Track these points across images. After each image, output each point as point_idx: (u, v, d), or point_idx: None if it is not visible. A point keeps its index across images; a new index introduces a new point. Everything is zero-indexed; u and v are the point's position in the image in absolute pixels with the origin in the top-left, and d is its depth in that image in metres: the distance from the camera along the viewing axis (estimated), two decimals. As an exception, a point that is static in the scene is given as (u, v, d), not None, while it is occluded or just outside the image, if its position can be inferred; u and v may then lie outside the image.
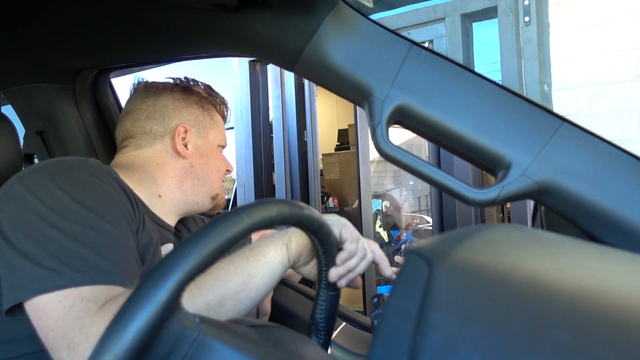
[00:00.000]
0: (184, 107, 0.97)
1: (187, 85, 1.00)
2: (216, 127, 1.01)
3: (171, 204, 0.94)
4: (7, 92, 1.19)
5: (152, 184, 0.92)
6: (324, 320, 0.68)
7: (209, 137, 0.99)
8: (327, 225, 0.63)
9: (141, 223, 0.81)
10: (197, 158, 0.96)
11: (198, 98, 0.99)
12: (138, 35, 0.93)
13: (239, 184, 3.05)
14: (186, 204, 0.96)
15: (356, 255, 0.73)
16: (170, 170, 0.94)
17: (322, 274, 0.67)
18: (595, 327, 0.26)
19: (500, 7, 2.17)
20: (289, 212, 0.54)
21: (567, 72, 2.13)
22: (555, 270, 0.32)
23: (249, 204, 0.49)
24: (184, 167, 0.95)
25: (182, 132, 0.94)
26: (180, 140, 0.94)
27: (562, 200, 0.63)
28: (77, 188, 0.71)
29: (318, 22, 0.69)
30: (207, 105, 1.00)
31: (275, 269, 0.71)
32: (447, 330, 0.27)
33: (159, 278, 0.39)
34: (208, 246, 0.42)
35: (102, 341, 0.36)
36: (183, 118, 0.96)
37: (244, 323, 0.53)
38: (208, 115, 1.00)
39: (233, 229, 0.45)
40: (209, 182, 0.98)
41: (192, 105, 0.98)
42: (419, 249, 0.32)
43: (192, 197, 0.96)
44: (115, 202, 0.75)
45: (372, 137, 0.68)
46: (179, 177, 0.94)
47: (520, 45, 2.16)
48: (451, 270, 0.30)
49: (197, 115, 0.98)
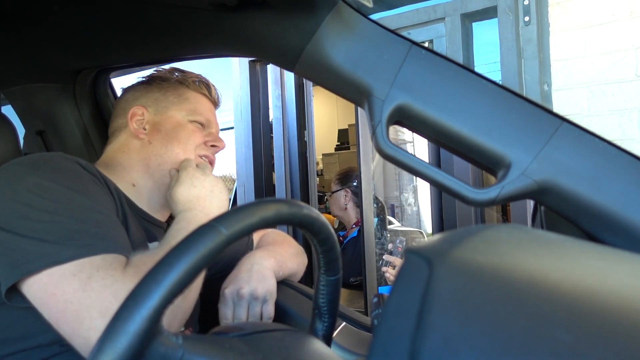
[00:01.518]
0: (144, 92, 0.99)
1: (150, 76, 1.01)
2: (184, 103, 0.98)
3: (148, 193, 0.94)
4: (7, 92, 1.19)
5: (123, 172, 0.92)
6: (327, 304, 0.68)
7: (169, 112, 0.97)
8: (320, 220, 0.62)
9: (123, 220, 0.81)
10: (154, 135, 0.95)
11: (160, 81, 1.00)
12: (138, 35, 0.93)
13: (239, 184, 3.05)
14: (160, 189, 0.94)
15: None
16: (135, 154, 0.94)
17: (321, 260, 0.67)
18: (595, 327, 0.26)
19: (500, 7, 2.17)
20: (272, 214, 0.50)
21: (567, 72, 2.12)
22: (555, 270, 0.32)
23: (225, 213, 0.45)
24: (144, 146, 0.94)
25: (139, 114, 0.95)
26: (135, 121, 0.95)
27: (562, 200, 0.63)
28: (62, 175, 0.72)
29: (318, 22, 0.69)
30: (172, 87, 0.99)
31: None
32: (447, 330, 0.27)
33: (134, 307, 0.38)
34: (182, 267, 0.40)
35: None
36: (140, 101, 0.97)
37: (232, 333, 0.53)
38: (172, 94, 0.98)
39: (209, 244, 0.41)
40: (173, 156, 0.94)
41: (151, 89, 0.99)
42: (419, 249, 0.32)
43: (161, 178, 0.93)
44: (100, 190, 0.77)
45: (372, 137, 0.68)
46: (142, 158, 0.94)
47: (520, 45, 2.16)
48: (451, 270, 0.30)
49: (156, 97, 0.98)
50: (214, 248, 0.42)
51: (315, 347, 0.63)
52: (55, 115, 1.19)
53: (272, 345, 0.53)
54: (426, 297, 0.28)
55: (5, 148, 1.07)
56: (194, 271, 0.40)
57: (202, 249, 0.41)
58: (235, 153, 3.03)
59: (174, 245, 0.42)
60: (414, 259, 0.31)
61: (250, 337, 0.52)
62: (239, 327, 0.55)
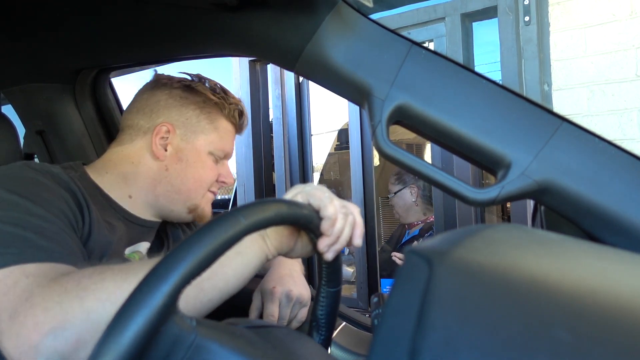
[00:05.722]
0: (178, 106, 0.90)
1: (192, 83, 0.92)
2: (214, 132, 0.91)
3: (143, 204, 0.89)
4: (7, 92, 1.19)
5: (122, 184, 0.88)
6: (325, 317, 0.68)
7: (196, 142, 0.90)
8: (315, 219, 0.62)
9: (87, 230, 0.77)
10: (174, 162, 0.88)
11: (201, 99, 0.91)
12: (138, 35, 0.93)
13: (239, 183, 3.05)
14: (160, 208, 0.91)
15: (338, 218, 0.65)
16: (145, 171, 0.88)
17: (322, 270, 0.67)
18: (595, 327, 0.26)
19: (500, 6, 2.17)
20: (287, 212, 0.53)
21: (567, 72, 2.12)
22: (555, 270, 0.32)
23: (246, 205, 0.48)
24: (159, 169, 0.88)
25: (164, 131, 0.88)
26: (158, 139, 0.88)
27: (562, 199, 0.63)
28: (13, 183, 0.71)
29: (318, 22, 0.69)
30: (208, 109, 0.91)
31: (250, 261, 0.64)
32: (447, 330, 0.27)
33: (155, 282, 0.39)
34: (204, 249, 0.41)
35: (99, 346, 0.36)
36: (171, 117, 0.89)
37: (242, 324, 0.53)
38: (206, 118, 0.91)
39: (229, 231, 0.44)
40: (185, 191, 0.90)
41: (188, 105, 0.90)
42: (419, 249, 0.32)
43: (165, 203, 0.90)
44: (57, 197, 0.73)
45: (372, 137, 0.68)
46: (152, 179, 0.88)
47: (520, 45, 2.16)
48: (451, 270, 0.30)
49: (189, 117, 0.90)
50: (233, 235, 0.44)
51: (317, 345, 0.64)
52: (55, 115, 1.19)
53: (279, 338, 0.54)
54: (426, 297, 0.28)
55: (5, 148, 1.07)
56: (214, 254, 0.42)
57: (223, 234, 0.43)
58: (235, 153, 3.02)
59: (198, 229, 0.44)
60: (414, 259, 0.31)
61: (259, 329, 0.53)
62: (247, 320, 0.55)
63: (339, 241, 0.65)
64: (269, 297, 0.88)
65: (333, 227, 0.64)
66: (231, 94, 0.96)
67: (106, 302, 0.56)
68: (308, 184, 0.69)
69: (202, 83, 0.93)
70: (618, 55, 2.03)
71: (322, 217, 0.63)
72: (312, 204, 0.64)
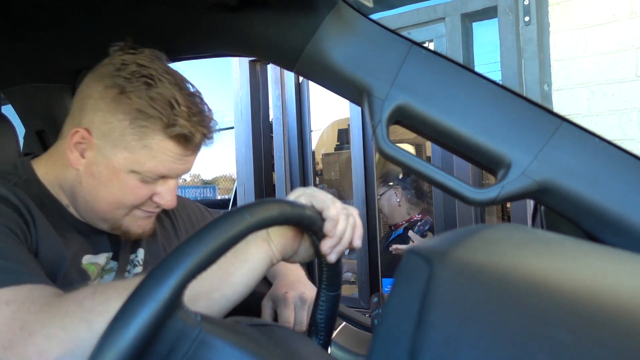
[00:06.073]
0: (104, 112, 0.74)
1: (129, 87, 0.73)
2: (141, 151, 0.74)
3: (83, 213, 0.79)
4: (7, 92, 1.19)
5: (58, 188, 0.79)
6: (324, 320, 0.68)
7: (113, 158, 0.74)
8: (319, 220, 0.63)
9: (35, 247, 0.69)
10: (87, 176, 0.76)
11: (134, 109, 0.72)
12: (138, 35, 0.93)
13: (239, 183, 3.05)
14: (96, 217, 0.79)
15: (340, 219, 0.64)
16: (65, 177, 0.78)
17: (322, 274, 0.67)
18: (595, 327, 0.26)
19: (500, 6, 2.17)
20: (291, 212, 0.54)
21: (567, 72, 2.12)
22: (555, 270, 0.32)
23: (252, 203, 0.49)
24: (75, 179, 0.77)
25: (79, 137, 0.74)
26: (74, 144, 0.75)
27: (562, 200, 0.63)
28: None
29: (318, 22, 0.69)
30: (142, 122, 0.73)
31: (256, 267, 0.63)
32: (447, 329, 0.27)
33: (161, 275, 0.39)
34: (210, 244, 0.42)
35: (103, 339, 0.36)
36: (94, 122, 0.74)
37: (245, 322, 0.53)
38: (134, 134, 0.73)
39: (235, 228, 0.45)
40: (99, 211, 0.77)
41: (115, 114, 0.73)
42: (419, 248, 0.32)
43: (89, 215, 0.79)
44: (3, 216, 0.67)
45: (372, 137, 0.68)
46: (71, 189, 0.78)
47: (520, 45, 2.16)
48: (451, 270, 0.30)
49: (112, 128, 0.73)
50: (239, 231, 0.45)
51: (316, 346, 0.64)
52: (55, 115, 1.19)
53: (282, 337, 0.54)
54: (426, 297, 0.28)
55: (5, 148, 1.07)
56: (220, 249, 0.43)
57: (229, 230, 0.44)
58: (235, 153, 3.03)
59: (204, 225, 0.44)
60: (414, 258, 0.31)
61: (262, 327, 0.53)
62: (250, 319, 0.56)
63: (341, 242, 0.65)
64: (282, 302, 0.85)
65: (336, 228, 0.64)
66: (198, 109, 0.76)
67: None
68: (309, 187, 0.69)
69: (151, 87, 0.73)
70: (618, 55, 2.03)
71: (325, 218, 0.64)
72: (315, 205, 0.64)
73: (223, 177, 12.96)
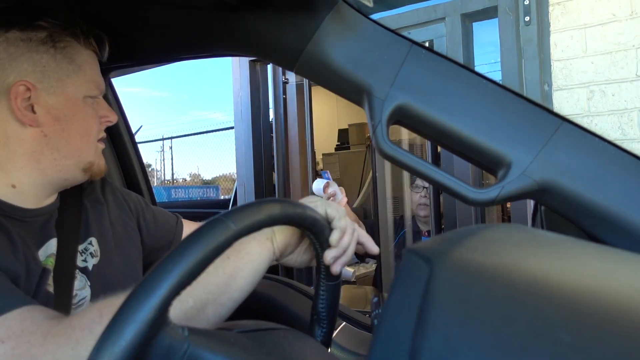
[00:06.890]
0: (25, 54, 0.71)
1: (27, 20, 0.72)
2: (79, 71, 0.75)
3: (32, 189, 0.74)
4: None
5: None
6: (326, 310, 0.68)
7: (67, 90, 0.73)
8: (320, 220, 0.63)
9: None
10: (51, 124, 0.72)
11: (46, 35, 0.72)
12: (138, 35, 0.93)
13: (239, 183, 3.05)
14: (52, 183, 0.76)
15: (347, 232, 0.67)
16: (19, 147, 0.71)
17: (322, 265, 0.67)
18: (595, 327, 0.26)
19: (501, 7, 2.17)
20: (279, 213, 0.52)
21: (567, 72, 2.12)
22: (556, 270, 0.32)
23: (233, 209, 0.47)
24: (35, 138, 0.72)
25: (23, 91, 0.70)
26: (21, 103, 0.70)
27: (562, 199, 0.63)
28: None
29: (318, 22, 0.69)
30: (61, 43, 0.73)
31: (259, 266, 0.64)
32: (447, 330, 0.27)
33: (143, 296, 0.38)
34: (192, 258, 0.40)
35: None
36: (23, 71, 0.70)
37: (236, 329, 0.53)
38: (64, 56, 0.73)
39: (218, 238, 0.43)
40: (75, 152, 0.75)
41: (36, 48, 0.71)
42: (419, 248, 0.32)
43: (56, 174, 0.75)
44: None
45: (372, 137, 0.68)
46: (31, 153, 0.72)
47: (521, 45, 2.16)
48: (451, 270, 0.30)
49: (45, 63, 0.71)
50: (223, 242, 0.43)
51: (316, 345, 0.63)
52: None
53: (275, 342, 0.53)
54: (426, 297, 0.28)
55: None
56: (203, 263, 0.41)
57: (211, 242, 0.42)
58: (235, 153, 3.03)
59: (184, 238, 0.42)
60: (414, 259, 0.31)
61: (254, 334, 0.53)
62: (243, 324, 0.55)
63: (345, 254, 0.67)
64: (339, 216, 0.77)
65: (342, 239, 0.66)
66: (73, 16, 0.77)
67: None
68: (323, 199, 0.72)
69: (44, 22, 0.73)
70: (618, 55, 2.03)
71: (333, 228, 0.66)
72: (328, 214, 0.67)
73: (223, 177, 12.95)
